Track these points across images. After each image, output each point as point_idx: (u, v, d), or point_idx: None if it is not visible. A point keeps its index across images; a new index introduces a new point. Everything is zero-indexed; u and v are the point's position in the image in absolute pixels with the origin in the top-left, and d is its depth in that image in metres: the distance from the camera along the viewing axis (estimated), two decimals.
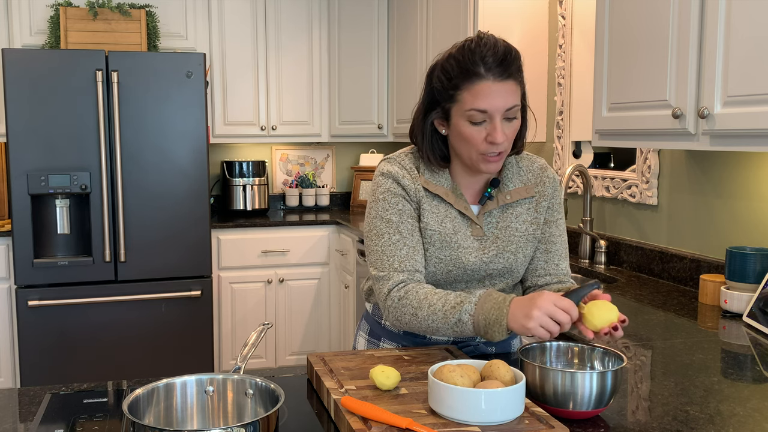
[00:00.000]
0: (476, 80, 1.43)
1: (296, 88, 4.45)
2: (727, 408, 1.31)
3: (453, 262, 1.55)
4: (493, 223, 1.57)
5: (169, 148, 3.70)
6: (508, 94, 1.44)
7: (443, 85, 1.48)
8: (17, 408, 1.35)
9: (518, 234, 1.57)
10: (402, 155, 1.61)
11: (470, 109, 1.44)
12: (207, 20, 4.24)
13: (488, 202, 1.57)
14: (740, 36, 1.75)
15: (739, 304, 2.01)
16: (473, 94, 1.43)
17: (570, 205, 3.21)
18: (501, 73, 1.43)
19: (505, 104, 1.44)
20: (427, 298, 1.45)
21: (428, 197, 1.55)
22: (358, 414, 1.16)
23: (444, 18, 3.56)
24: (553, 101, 3.34)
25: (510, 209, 1.58)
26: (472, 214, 1.56)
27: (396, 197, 1.54)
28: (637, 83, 2.13)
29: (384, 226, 1.54)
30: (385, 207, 1.55)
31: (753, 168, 2.21)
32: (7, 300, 3.73)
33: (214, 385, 1.26)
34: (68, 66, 3.52)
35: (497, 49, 1.43)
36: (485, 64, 1.42)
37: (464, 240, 1.54)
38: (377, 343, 1.70)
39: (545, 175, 1.63)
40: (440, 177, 1.57)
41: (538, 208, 1.60)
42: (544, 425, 1.13)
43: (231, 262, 4.07)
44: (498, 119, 1.45)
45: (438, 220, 1.54)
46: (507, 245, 1.56)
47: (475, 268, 1.55)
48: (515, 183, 1.59)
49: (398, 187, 1.55)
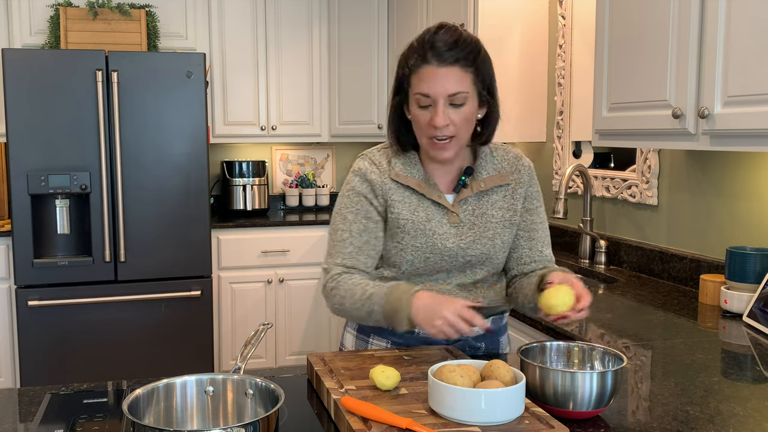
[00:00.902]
0: (422, 64, 1.49)
1: (296, 87, 4.44)
2: (727, 408, 1.31)
3: (430, 249, 1.58)
4: (470, 210, 1.60)
5: (169, 148, 3.70)
6: (451, 79, 1.48)
7: (403, 71, 1.55)
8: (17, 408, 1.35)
9: (494, 220, 1.61)
10: (375, 150, 1.67)
11: (416, 93, 1.51)
12: (207, 20, 4.24)
13: (463, 190, 1.61)
14: (740, 36, 1.75)
15: (739, 304, 2.01)
16: (419, 78, 1.50)
17: (570, 205, 3.21)
18: (446, 58, 1.48)
19: (446, 89, 1.48)
20: (351, 288, 1.54)
21: (399, 189, 1.60)
22: (358, 414, 1.16)
23: (444, 18, 3.56)
24: (553, 101, 3.34)
25: (486, 196, 1.62)
26: (446, 202, 1.59)
27: (358, 196, 1.61)
28: (637, 83, 2.13)
29: (339, 221, 1.62)
30: (345, 204, 1.63)
31: (753, 168, 2.21)
32: (7, 300, 3.73)
33: (214, 385, 1.26)
34: (68, 66, 3.52)
35: (450, 36, 1.49)
36: (433, 49, 1.48)
37: (439, 227, 1.58)
38: (366, 339, 1.70)
39: (520, 163, 1.66)
40: (412, 168, 1.61)
41: (514, 194, 1.63)
42: (544, 425, 1.13)
43: (231, 262, 4.07)
44: (441, 104, 1.49)
45: (410, 210, 1.58)
46: (484, 231, 1.59)
47: (453, 254, 1.58)
48: (489, 171, 1.63)
49: (364, 185, 1.61)
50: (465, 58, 1.50)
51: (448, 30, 1.50)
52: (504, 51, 3.30)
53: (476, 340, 1.68)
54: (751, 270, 2.01)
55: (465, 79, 1.50)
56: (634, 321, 1.97)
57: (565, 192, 2.75)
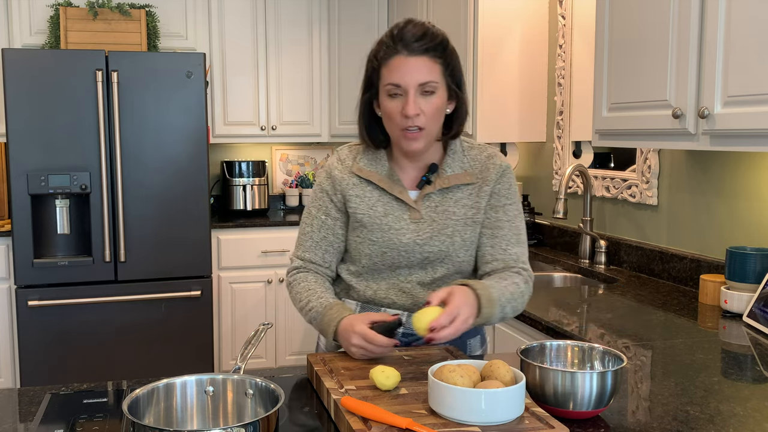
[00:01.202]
0: (391, 55, 1.52)
1: (296, 88, 4.44)
2: (727, 408, 1.31)
3: (386, 244, 1.59)
4: (432, 207, 1.61)
5: (169, 148, 3.69)
6: (421, 68, 1.51)
7: (372, 65, 1.58)
8: (17, 408, 1.35)
9: (455, 218, 1.60)
10: (345, 146, 1.71)
11: (387, 84, 1.53)
12: (207, 20, 4.24)
13: (426, 187, 1.61)
14: (740, 36, 1.75)
15: (739, 304, 2.01)
16: (389, 69, 1.52)
17: (570, 205, 3.21)
18: (415, 48, 1.51)
19: (416, 78, 1.50)
20: (299, 292, 1.63)
21: (360, 184, 1.63)
22: (358, 414, 1.16)
23: (444, 18, 3.56)
24: (553, 101, 3.34)
25: (450, 194, 1.62)
26: (408, 198, 1.61)
27: (322, 192, 1.67)
28: (637, 83, 2.13)
29: (306, 216, 1.70)
30: (312, 199, 1.70)
31: (753, 168, 2.21)
32: (7, 300, 3.73)
33: (214, 385, 1.26)
34: (68, 66, 3.52)
35: (418, 29, 1.53)
36: (402, 41, 1.52)
37: (396, 222, 1.59)
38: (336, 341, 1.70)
39: (491, 162, 1.65)
40: (377, 164, 1.64)
41: (479, 193, 1.63)
42: (544, 425, 1.13)
43: (231, 262, 4.07)
44: (411, 93, 1.51)
45: (369, 205, 1.61)
46: (443, 228, 1.59)
47: (409, 249, 1.59)
48: (455, 169, 1.63)
49: (327, 181, 1.67)
50: (434, 48, 1.52)
51: (416, 23, 1.54)
52: (504, 51, 3.30)
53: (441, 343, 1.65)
54: (751, 270, 2.01)
55: (434, 69, 1.52)
56: (634, 321, 1.97)
57: (565, 192, 2.75)
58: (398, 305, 1.64)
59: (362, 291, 1.66)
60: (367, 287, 1.65)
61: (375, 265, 1.62)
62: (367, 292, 1.65)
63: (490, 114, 3.32)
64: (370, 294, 1.65)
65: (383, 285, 1.64)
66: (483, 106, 3.30)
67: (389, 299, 1.64)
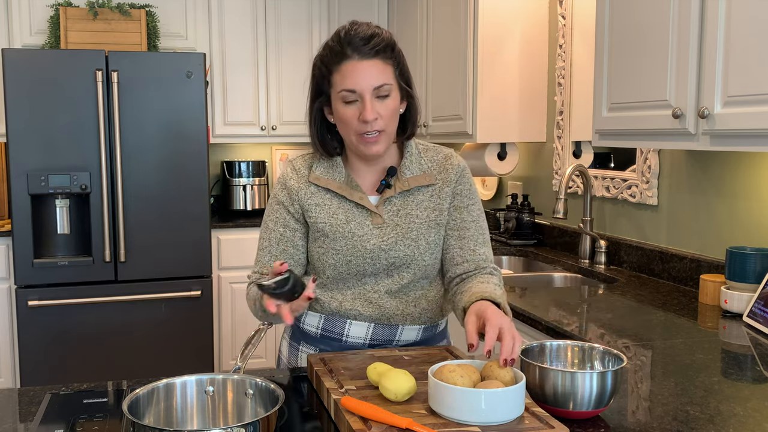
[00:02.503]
0: (343, 60, 1.48)
1: (296, 88, 4.44)
2: (727, 408, 1.31)
3: (351, 251, 1.56)
4: (394, 211, 1.58)
5: (168, 148, 3.69)
6: (374, 72, 1.48)
7: (321, 71, 1.53)
8: (17, 408, 1.35)
9: (418, 221, 1.58)
10: (300, 156, 1.67)
11: (341, 90, 1.49)
12: (207, 20, 4.24)
13: (386, 191, 1.58)
14: (740, 36, 1.75)
15: (739, 304, 2.01)
16: (342, 75, 1.49)
17: (570, 205, 3.21)
18: (366, 52, 1.48)
19: (371, 82, 1.48)
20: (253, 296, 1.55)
21: (319, 192, 1.59)
22: (358, 414, 1.16)
23: (444, 18, 3.56)
24: (553, 101, 3.34)
25: (410, 197, 1.59)
26: (369, 203, 1.57)
27: (278, 205, 1.63)
28: (637, 83, 2.13)
29: (263, 230, 1.65)
30: (268, 213, 1.66)
31: (753, 168, 2.21)
32: (7, 300, 3.73)
33: (214, 385, 1.26)
34: (68, 66, 3.52)
35: (364, 31, 1.49)
36: (351, 45, 1.48)
37: (359, 228, 1.56)
38: (297, 347, 1.68)
39: (449, 162, 1.63)
40: (334, 171, 1.60)
41: (440, 194, 1.60)
42: (544, 425, 1.13)
43: (231, 262, 4.07)
44: (368, 97, 1.48)
45: (329, 213, 1.57)
46: (407, 232, 1.57)
47: (374, 255, 1.56)
48: (413, 171, 1.60)
49: (282, 192, 1.62)
50: (384, 50, 1.50)
51: (362, 25, 1.50)
52: (504, 51, 3.30)
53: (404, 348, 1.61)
54: (751, 270, 2.01)
55: (387, 71, 1.50)
56: (634, 321, 1.97)
57: (565, 192, 2.75)
58: (365, 316, 1.60)
59: (327, 303, 1.61)
60: (332, 299, 1.61)
61: (340, 275, 1.58)
62: (332, 303, 1.60)
63: (490, 114, 3.32)
64: (335, 306, 1.60)
65: (348, 295, 1.60)
66: (483, 106, 3.30)
67: (355, 310, 1.59)
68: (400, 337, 1.63)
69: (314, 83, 1.57)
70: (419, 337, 1.65)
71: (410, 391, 1.23)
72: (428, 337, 1.67)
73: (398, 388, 1.22)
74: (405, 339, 1.63)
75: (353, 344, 1.62)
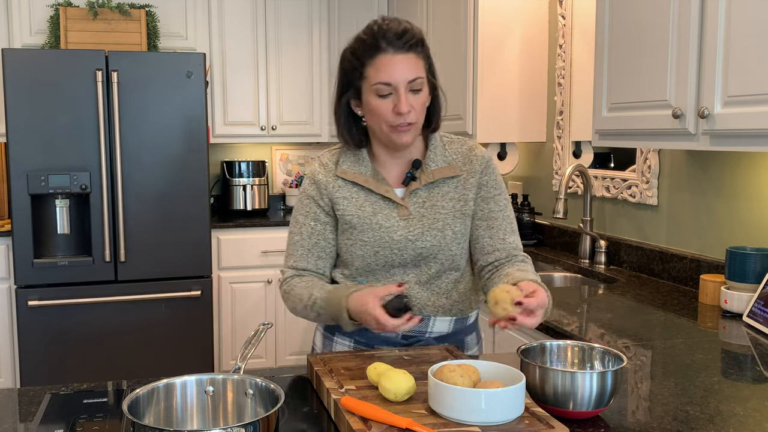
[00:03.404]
0: (378, 54, 1.51)
1: (296, 88, 4.44)
2: (727, 408, 1.31)
3: (378, 243, 1.59)
4: (419, 202, 1.61)
5: (169, 148, 3.69)
6: (409, 65, 1.51)
7: (352, 64, 1.56)
8: (17, 408, 1.35)
9: (444, 211, 1.61)
10: (326, 152, 1.70)
11: (376, 83, 1.51)
12: (207, 20, 4.24)
13: (412, 183, 1.61)
14: (740, 36, 1.75)
15: (739, 304, 2.01)
16: (376, 68, 1.51)
17: (570, 205, 3.21)
18: (401, 46, 1.51)
19: (406, 75, 1.51)
20: (299, 293, 1.59)
21: (346, 186, 1.62)
22: (358, 414, 1.16)
23: (444, 18, 3.56)
24: (553, 101, 3.34)
25: (436, 188, 1.62)
26: (395, 196, 1.60)
27: (308, 199, 1.65)
28: (637, 83, 2.13)
29: (293, 225, 1.68)
30: (298, 207, 1.68)
31: (753, 168, 2.21)
32: (7, 300, 3.73)
33: (214, 385, 1.26)
34: (68, 66, 3.52)
35: (398, 26, 1.52)
36: (385, 39, 1.51)
37: (386, 220, 1.59)
38: (331, 338, 1.71)
39: (473, 154, 1.66)
40: (360, 165, 1.63)
41: (465, 185, 1.63)
42: (544, 425, 1.13)
43: (231, 262, 4.07)
44: (402, 90, 1.51)
45: (356, 205, 1.60)
46: (433, 222, 1.60)
47: (402, 246, 1.58)
48: (438, 163, 1.63)
49: (311, 186, 1.65)
50: (416, 44, 1.53)
51: (393, 20, 1.54)
52: (504, 51, 3.30)
53: (438, 341, 1.66)
54: (751, 270, 2.01)
55: (419, 65, 1.54)
56: (634, 321, 1.97)
57: (565, 192, 2.75)
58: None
59: None
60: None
61: (369, 266, 1.61)
62: None
63: (490, 114, 3.32)
64: None
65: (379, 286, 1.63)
66: (483, 106, 3.30)
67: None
68: (432, 329, 1.65)
69: (343, 76, 1.59)
70: (451, 329, 1.67)
71: (410, 391, 1.23)
72: (459, 329, 1.70)
73: (398, 388, 1.22)
74: (437, 331, 1.65)
75: (386, 337, 1.64)
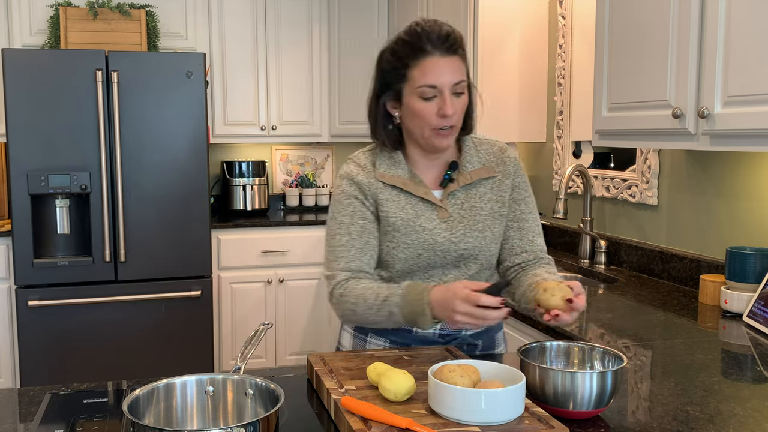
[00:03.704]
0: (423, 56, 1.50)
1: (296, 88, 4.44)
2: (727, 408, 1.31)
3: (421, 245, 1.58)
4: (458, 204, 1.61)
5: (169, 148, 3.69)
6: (454, 68, 1.51)
7: (393, 65, 1.55)
8: (17, 408, 1.35)
9: (483, 213, 1.61)
10: (359, 154, 1.67)
11: (421, 86, 1.50)
12: (207, 20, 4.24)
13: (449, 185, 1.61)
14: (740, 36, 1.75)
15: (739, 304, 2.01)
16: (422, 70, 1.50)
17: (570, 205, 3.21)
18: (447, 49, 1.51)
19: (451, 78, 1.51)
20: (362, 293, 1.53)
21: (386, 188, 1.60)
22: (358, 414, 1.16)
23: (444, 18, 3.55)
24: (553, 101, 3.34)
25: (473, 189, 1.62)
26: (434, 198, 1.60)
27: (349, 198, 1.61)
28: (637, 83, 2.13)
29: (336, 227, 1.61)
30: (338, 209, 1.62)
31: (753, 168, 2.21)
32: (7, 300, 3.73)
33: (214, 385, 1.26)
34: (68, 66, 3.52)
35: (441, 28, 1.52)
36: (431, 41, 1.50)
37: (428, 222, 1.58)
38: (364, 338, 1.70)
39: (505, 155, 1.68)
40: (397, 168, 1.62)
41: (501, 186, 1.64)
42: (544, 425, 1.13)
43: (231, 262, 4.07)
44: (447, 93, 1.51)
45: (399, 207, 1.59)
46: (474, 224, 1.60)
47: (445, 248, 1.58)
48: (474, 164, 1.64)
49: (352, 187, 1.61)
50: (459, 47, 1.54)
51: (434, 22, 1.54)
52: (504, 51, 3.30)
53: (474, 338, 1.68)
54: (751, 270, 2.01)
55: (462, 68, 1.54)
56: (634, 321, 1.97)
57: (565, 192, 2.75)
58: None
59: None
60: None
61: (410, 268, 1.60)
62: None
63: (490, 114, 3.32)
64: None
65: None
66: (483, 105, 3.30)
67: None
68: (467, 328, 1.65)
69: (381, 76, 1.58)
70: (483, 327, 1.68)
71: (410, 391, 1.23)
72: (491, 326, 1.71)
73: (398, 388, 1.22)
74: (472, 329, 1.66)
75: (423, 336, 1.64)
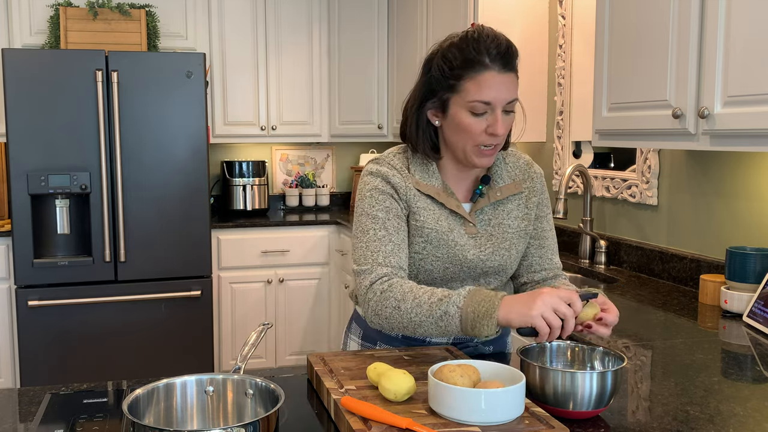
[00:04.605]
0: (481, 70, 1.41)
1: (296, 88, 4.44)
2: (727, 408, 1.31)
3: (450, 260, 1.53)
4: (486, 220, 1.56)
5: (169, 148, 3.70)
6: (510, 86, 1.44)
7: (444, 73, 1.46)
8: (17, 408, 1.35)
9: (511, 231, 1.57)
10: (391, 156, 1.58)
11: (474, 100, 1.42)
12: (207, 20, 4.24)
13: (479, 200, 1.56)
14: (740, 36, 1.75)
15: (739, 304, 2.01)
16: (478, 85, 1.41)
17: (570, 205, 3.21)
18: (505, 64, 1.42)
19: (507, 96, 1.43)
20: (412, 290, 1.41)
21: (421, 197, 1.53)
22: (358, 414, 1.16)
23: (444, 18, 3.56)
24: (553, 101, 3.34)
25: (501, 206, 1.58)
26: (464, 212, 1.54)
27: (383, 195, 1.51)
28: (637, 83, 2.13)
29: (370, 222, 1.50)
30: (371, 204, 1.51)
31: (753, 168, 2.21)
32: (7, 300, 3.73)
33: (214, 385, 1.26)
34: (68, 66, 3.52)
35: (500, 41, 1.43)
36: (489, 54, 1.41)
37: (460, 237, 1.53)
38: (372, 347, 1.67)
39: (532, 170, 1.63)
40: (431, 177, 1.54)
41: (528, 203, 1.60)
42: (544, 425, 1.13)
43: (231, 262, 4.07)
44: (499, 111, 1.43)
45: (434, 219, 1.52)
46: (501, 242, 1.56)
47: (473, 265, 1.55)
48: (504, 179, 1.58)
49: (387, 185, 1.52)
50: (515, 63, 1.46)
51: (492, 33, 1.44)
52: None
53: (484, 344, 1.67)
54: (751, 270, 2.01)
55: (517, 85, 1.46)
56: (634, 321, 1.97)
57: (565, 192, 2.75)
58: None
59: None
60: None
61: (433, 280, 1.56)
62: None
63: None
64: None
65: None
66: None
67: None
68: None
69: (428, 83, 1.50)
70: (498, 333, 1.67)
71: (410, 391, 1.23)
72: (503, 334, 1.72)
73: (398, 388, 1.22)
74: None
75: (437, 342, 1.63)
